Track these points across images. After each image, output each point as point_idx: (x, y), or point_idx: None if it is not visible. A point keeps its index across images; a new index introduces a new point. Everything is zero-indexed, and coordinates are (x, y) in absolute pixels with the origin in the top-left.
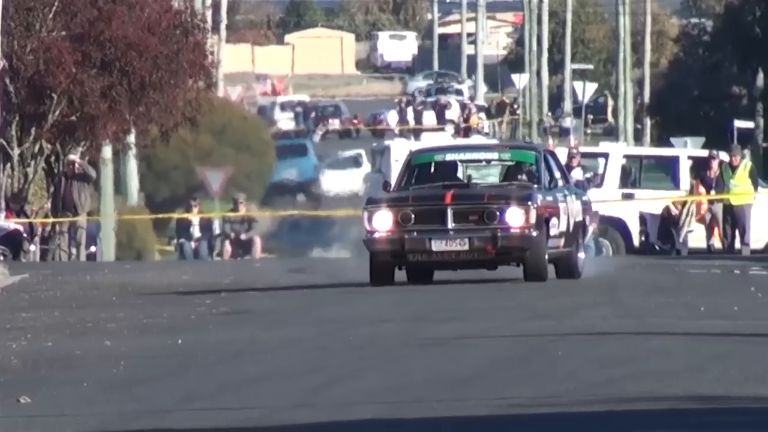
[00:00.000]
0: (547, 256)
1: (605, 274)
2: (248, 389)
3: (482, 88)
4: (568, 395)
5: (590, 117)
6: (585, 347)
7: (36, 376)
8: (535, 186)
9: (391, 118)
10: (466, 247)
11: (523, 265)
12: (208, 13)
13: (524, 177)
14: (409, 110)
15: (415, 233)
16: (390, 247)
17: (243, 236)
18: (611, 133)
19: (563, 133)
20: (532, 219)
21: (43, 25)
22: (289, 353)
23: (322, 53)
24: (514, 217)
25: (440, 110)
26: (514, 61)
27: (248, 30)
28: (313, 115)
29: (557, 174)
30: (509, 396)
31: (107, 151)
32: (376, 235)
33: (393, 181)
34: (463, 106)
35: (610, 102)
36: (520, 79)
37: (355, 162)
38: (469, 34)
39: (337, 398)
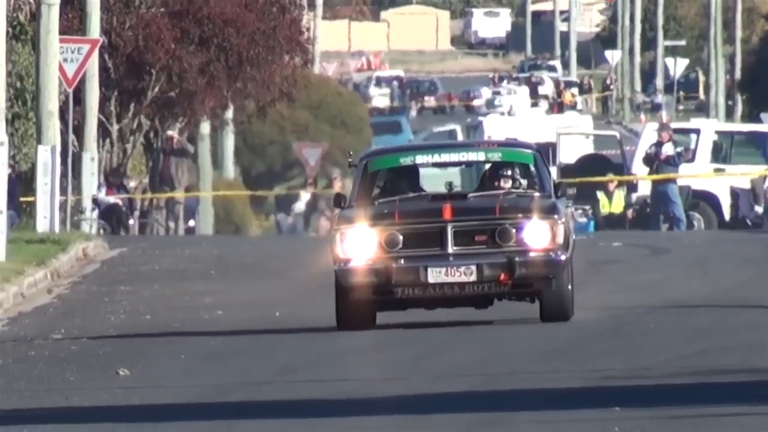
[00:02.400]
0: (571, 288)
1: (696, 247)
2: (343, 362)
3: (575, 64)
4: (659, 367)
5: (682, 93)
6: (675, 320)
7: (135, 349)
8: (546, 195)
9: (485, 93)
10: (473, 278)
11: (542, 299)
12: None
13: (522, 183)
14: (504, 84)
15: (404, 260)
16: (372, 279)
17: None
18: (703, 110)
19: (655, 109)
20: (560, 237)
21: (142, 1)
22: (383, 327)
23: (417, 30)
24: (537, 236)
25: (533, 86)
26: (607, 38)
27: (344, 6)
28: (408, 91)
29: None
30: (601, 368)
31: (205, 127)
32: (353, 264)
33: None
34: (557, 83)
35: (702, 78)
36: (613, 56)
37: (450, 137)
38: (562, 12)
39: (431, 371)
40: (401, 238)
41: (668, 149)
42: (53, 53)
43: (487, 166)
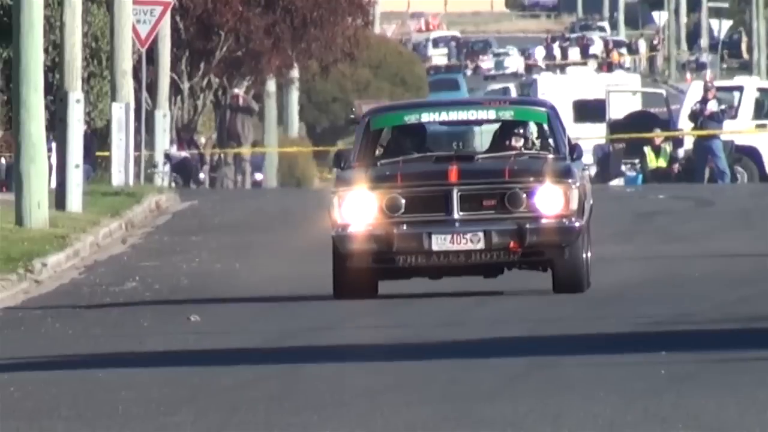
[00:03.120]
0: (585, 256)
1: (739, 200)
2: (405, 308)
3: (623, 26)
4: (704, 314)
5: (725, 53)
6: (719, 269)
7: (204, 296)
8: (561, 157)
9: (538, 53)
10: (481, 245)
11: (555, 268)
12: None
13: (535, 144)
14: (555, 46)
15: (406, 226)
16: (372, 246)
17: None
18: (746, 68)
19: (700, 68)
20: (574, 203)
21: None
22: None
23: None
24: (550, 201)
25: (584, 46)
26: (654, 0)
27: None
28: (464, 51)
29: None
30: (648, 315)
31: (271, 85)
32: (352, 229)
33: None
34: (606, 43)
35: (744, 39)
36: (660, 17)
37: (504, 94)
38: None
39: (487, 317)
40: (403, 202)
41: (712, 106)
42: (127, 15)
43: (498, 125)
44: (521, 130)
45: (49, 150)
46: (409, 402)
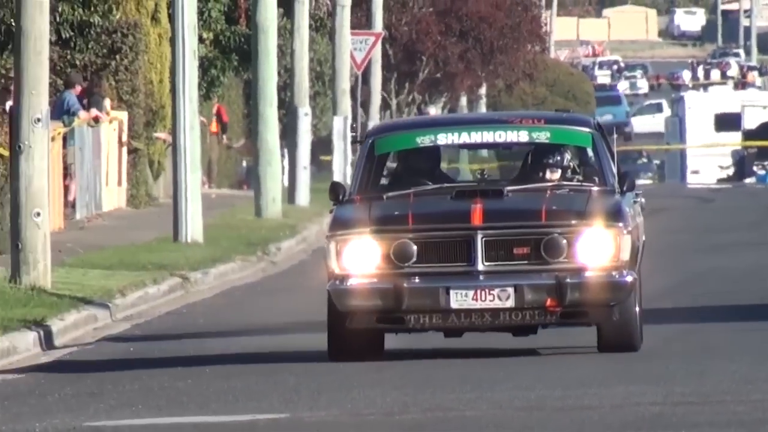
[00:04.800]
0: (638, 311)
1: None
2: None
3: (755, 52)
4: None
5: None
6: None
7: None
8: (608, 190)
9: (685, 75)
10: (510, 303)
11: (601, 329)
12: None
13: (577, 172)
14: (699, 69)
15: (418, 278)
16: (377, 303)
17: None
18: None
19: None
20: (626, 251)
21: (415, 3)
22: None
23: (631, 24)
24: (597, 249)
25: (723, 69)
26: None
27: (574, 7)
28: (624, 72)
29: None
30: None
31: (463, 101)
32: (352, 282)
33: (355, 180)
34: (741, 66)
35: None
36: None
37: (658, 108)
38: (745, 10)
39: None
40: (415, 249)
41: None
42: (346, 44)
43: (544, 148)
44: (559, 157)
45: (282, 155)
46: None
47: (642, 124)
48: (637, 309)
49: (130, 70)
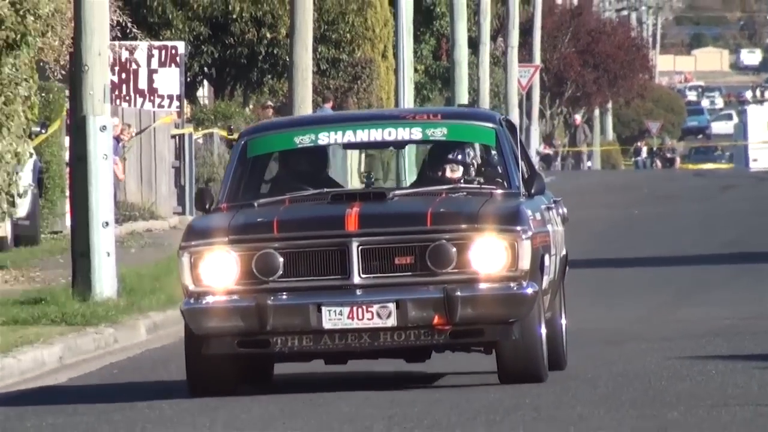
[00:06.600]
0: (544, 332)
1: None
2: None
3: None
4: None
5: None
6: None
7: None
8: (512, 192)
9: (748, 94)
10: (392, 322)
11: (499, 351)
12: (650, 39)
13: (478, 173)
14: (757, 90)
15: (285, 294)
16: (237, 324)
17: (668, 155)
18: None
19: None
20: (525, 260)
21: (562, 44)
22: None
23: (710, 59)
24: (491, 257)
25: None
26: None
27: (671, 47)
28: (706, 93)
29: (521, 162)
30: None
31: (596, 113)
32: (209, 300)
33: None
34: None
35: None
36: None
37: (729, 117)
38: None
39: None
40: (281, 260)
41: None
42: (514, 73)
43: (430, 147)
44: (460, 154)
45: None
46: None
47: (718, 128)
48: (543, 330)
49: (367, 91)
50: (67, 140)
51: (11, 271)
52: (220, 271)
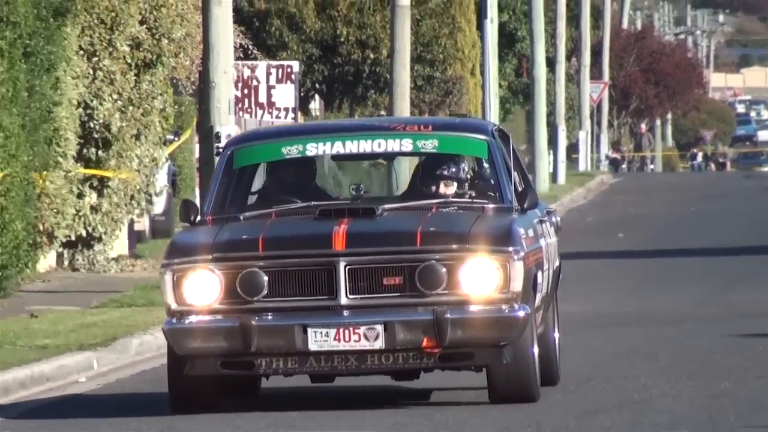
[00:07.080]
0: (536, 352)
1: None
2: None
3: None
4: None
5: None
6: None
7: (626, 222)
8: (505, 207)
9: None
10: (380, 344)
11: (491, 374)
12: (704, 59)
13: (470, 185)
14: None
15: (271, 315)
16: (220, 345)
17: (720, 160)
18: None
19: None
20: (517, 281)
21: (628, 64)
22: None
23: (757, 77)
24: (482, 279)
25: None
26: None
27: (723, 65)
28: (753, 105)
29: (515, 173)
30: None
31: (657, 122)
32: (191, 320)
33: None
34: None
35: None
36: None
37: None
38: None
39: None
40: (266, 279)
41: None
42: (587, 88)
43: (421, 159)
44: (455, 168)
45: (549, 152)
46: None
47: (764, 135)
48: (535, 350)
49: (458, 105)
50: (197, 147)
51: (149, 260)
52: (203, 290)
